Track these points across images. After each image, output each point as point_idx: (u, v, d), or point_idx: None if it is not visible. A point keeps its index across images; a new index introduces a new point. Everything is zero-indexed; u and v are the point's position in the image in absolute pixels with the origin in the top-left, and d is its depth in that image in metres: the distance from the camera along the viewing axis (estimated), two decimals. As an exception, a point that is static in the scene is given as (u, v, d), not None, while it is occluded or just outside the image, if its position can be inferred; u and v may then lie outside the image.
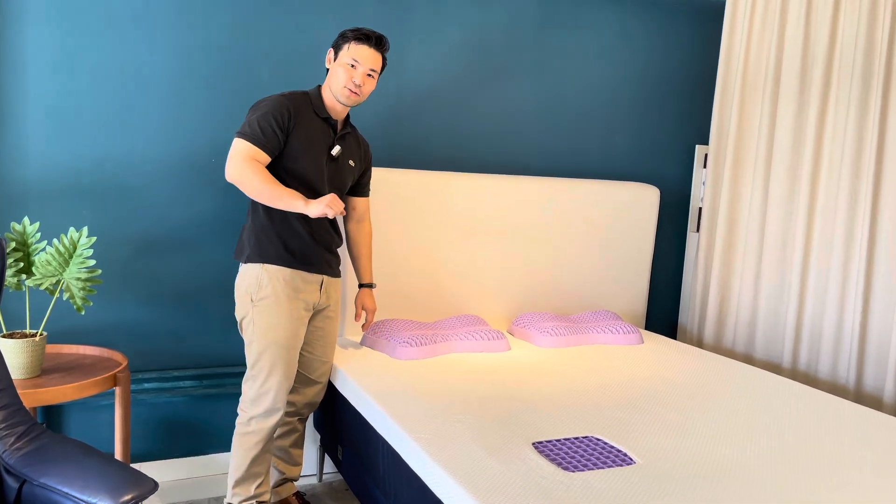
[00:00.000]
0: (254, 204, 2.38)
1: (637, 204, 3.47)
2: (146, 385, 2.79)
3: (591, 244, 3.39)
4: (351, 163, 2.47)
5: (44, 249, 2.36)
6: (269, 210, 2.34)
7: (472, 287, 3.18)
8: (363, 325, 2.74)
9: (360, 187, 2.62)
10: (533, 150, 3.43)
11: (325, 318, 2.53)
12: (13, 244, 2.32)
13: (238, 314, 2.38)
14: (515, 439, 1.95)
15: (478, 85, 3.27)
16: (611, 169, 3.63)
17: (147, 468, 2.83)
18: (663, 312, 3.91)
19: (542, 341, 2.99)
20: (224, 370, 2.92)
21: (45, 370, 2.37)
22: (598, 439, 1.98)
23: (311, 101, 2.35)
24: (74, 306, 2.36)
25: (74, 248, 2.35)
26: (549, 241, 3.30)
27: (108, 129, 2.67)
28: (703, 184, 3.76)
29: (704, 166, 3.76)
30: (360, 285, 2.71)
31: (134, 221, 2.74)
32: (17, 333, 2.35)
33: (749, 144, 3.30)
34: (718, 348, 3.42)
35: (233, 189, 2.86)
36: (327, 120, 2.38)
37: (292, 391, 2.58)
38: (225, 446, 2.96)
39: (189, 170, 2.79)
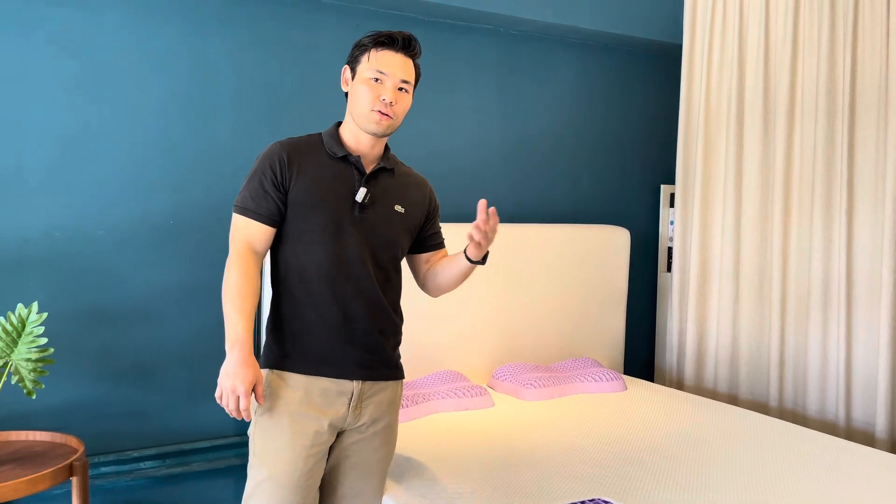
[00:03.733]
0: (272, 287, 1.86)
1: (608, 247, 3.42)
2: (103, 469, 2.56)
3: (565, 290, 3.32)
4: (399, 208, 1.85)
5: (-12, 329, 2.15)
6: (278, 294, 1.82)
7: (447, 340, 3.05)
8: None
9: (428, 240, 1.98)
10: (499, 196, 3.36)
11: (361, 436, 1.84)
12: (-47, 325, 2.11)
13: None
14: (521, 508, 1.82)
15: (442, 132, 3.20)
16: (579, 212, 3.59)
17: (107, 562, 2.58)
18: (638, 354, 3.85)
19: (525, 394, 2.88)
20: (189, 446, 2.70)
21: (-10, 463, 2.14)
22: (607, 502, 1.86)
23: (321, 142, 1.84)
24: (25, 390, 2.14)
25: (23, 326, 2.14)
26: (523, 288, 3.21)
27: (56, 194, 2.48)
28: (671, 223, 3.74)
29: (671, 206, 3.76)
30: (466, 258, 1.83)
31: (87, 292, 2.54)
32: (-41, 424, 2.12)
33: (717, 183, 3.30)
34: (700, 389, 3.36)
35: (195, 253, 2.69)
36: (346, 159, 1.81)
37: None
38: (192, 530, 2.73)
39: (146, 234, 2.62)
